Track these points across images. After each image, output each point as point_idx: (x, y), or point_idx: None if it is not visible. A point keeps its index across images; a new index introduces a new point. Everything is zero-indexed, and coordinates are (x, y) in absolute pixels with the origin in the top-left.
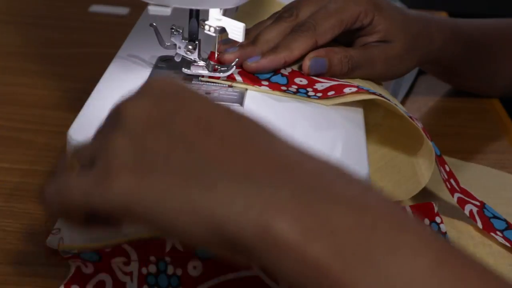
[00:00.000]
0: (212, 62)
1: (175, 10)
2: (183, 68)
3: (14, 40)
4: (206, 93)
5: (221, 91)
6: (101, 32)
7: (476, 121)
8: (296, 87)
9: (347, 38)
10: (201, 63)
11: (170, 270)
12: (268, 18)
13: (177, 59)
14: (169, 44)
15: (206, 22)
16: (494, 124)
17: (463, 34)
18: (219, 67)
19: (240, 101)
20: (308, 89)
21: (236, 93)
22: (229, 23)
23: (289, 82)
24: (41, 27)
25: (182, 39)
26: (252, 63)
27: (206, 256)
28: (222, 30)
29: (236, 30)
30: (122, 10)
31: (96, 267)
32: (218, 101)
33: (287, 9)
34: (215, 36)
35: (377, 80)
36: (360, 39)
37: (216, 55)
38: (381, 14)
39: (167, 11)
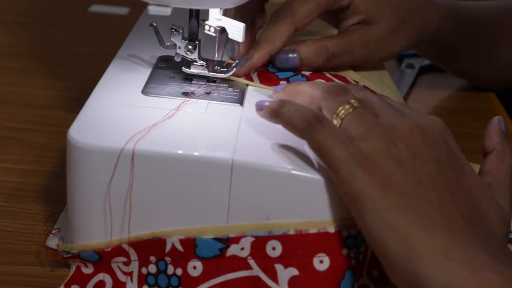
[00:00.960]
0: (211, 63)
1: (175, 10)
2: (183, 67)
3: (14, 40)
4: (206, 93)
5: (221, 91)
6: (101, 32)
7: (476, 121)
8: None
9: (335, 22)
10: (201, 63)
11: (170, 270)
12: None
13: (177, 59)
14: (169, 44)
15: (206, 22)
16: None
17: (461, 14)
18: (218, 67)
19: (240, 101)
20: None
21: (236, 93)
22: (229, 23)
23: None
24: (41, 27)
25: (182, 39)
26: (240, 67)
27: (206, 256)
28: (222, 30)
29: (236, 30)
30: (122, 10)
31: (96, 267)
32: (218, 101)
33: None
34: (215, 36)
35: (364, 64)
36: (342, 23)
37: (215, 55)
38: None
39: (167, 11)
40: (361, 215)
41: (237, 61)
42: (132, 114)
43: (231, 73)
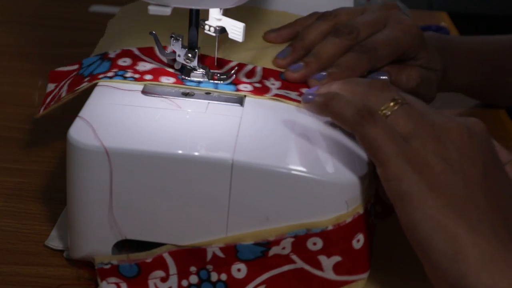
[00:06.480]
0: (211, 70)
1: (174, 10)
2: (182, 76)
3: (14, 40)
4: (206, 93)
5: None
6: (101, 32)
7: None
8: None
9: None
10: (201, 71)
11: (214, 277)
12: (312, 19)
13: (177, 67)
14: (169, 52)
15: (206, 22)
16: (495, 125)
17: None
18: (218, 75)
19: (240, 101)
20: None
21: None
22: (229, 23)
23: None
24: (41, 27)
25: (182, 47)
26: (313, 80)
27: (248, 258)
28: (222, 30)
29: (236, 30)
30: None
31: (130, 286)
32: (218, 101)
33: (348, 26)
34: (215, 38)
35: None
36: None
37: (215, 61)
38: (425, 51)
39: (167, 11)
40: (407, 212)
41: (236, 68)
42: (132, 114)
43: (231, 79)
